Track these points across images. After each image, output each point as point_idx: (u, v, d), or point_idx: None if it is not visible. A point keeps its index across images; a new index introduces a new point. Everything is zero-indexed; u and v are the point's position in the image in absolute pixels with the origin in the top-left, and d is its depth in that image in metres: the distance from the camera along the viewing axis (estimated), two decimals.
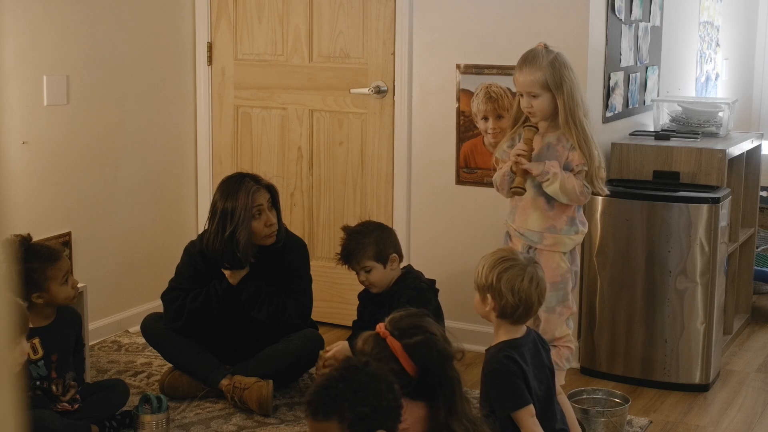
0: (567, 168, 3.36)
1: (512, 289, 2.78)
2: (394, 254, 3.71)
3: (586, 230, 3.51)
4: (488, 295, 2.82)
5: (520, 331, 2.85)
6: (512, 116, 3.51)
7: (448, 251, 4.25)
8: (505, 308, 2.80)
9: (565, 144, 3.36)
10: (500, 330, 2.86)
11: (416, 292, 3.65)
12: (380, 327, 2.51)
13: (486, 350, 2.89)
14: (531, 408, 2.75)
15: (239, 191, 3.57)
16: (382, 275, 3.68)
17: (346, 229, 3.77)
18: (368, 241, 3.68)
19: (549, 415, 2.85)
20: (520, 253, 2.98)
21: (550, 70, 3.30)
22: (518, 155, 3.33)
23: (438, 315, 3.71)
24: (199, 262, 3.70)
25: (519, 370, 2.76)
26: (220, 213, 3.58)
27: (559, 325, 3.45)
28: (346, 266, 3.76)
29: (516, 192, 3.34)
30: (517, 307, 2.79)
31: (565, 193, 3.33)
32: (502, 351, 2.80)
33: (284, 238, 3.72)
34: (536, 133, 3.37)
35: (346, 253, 3.71)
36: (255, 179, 3.64)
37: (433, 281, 3.77)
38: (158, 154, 4.55)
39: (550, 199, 3.40)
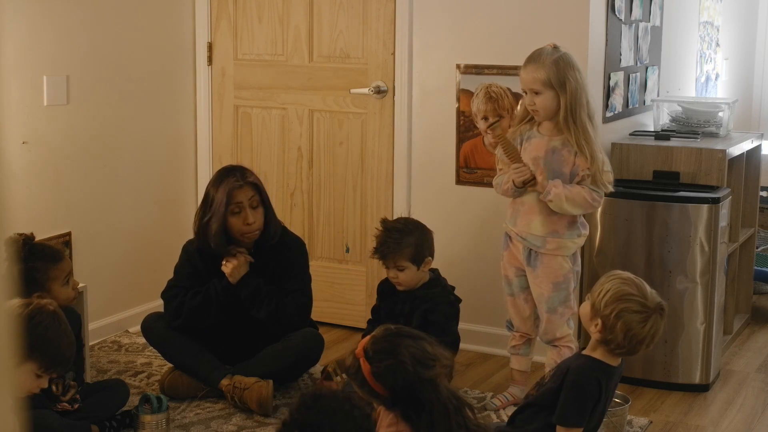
0: (574, 174, 3.38)
1: (627, 332, 2.72)
2: (429, 258, 3.68)
3: (587, 232, 3.52)
4: (599, 320, 2.76)
5: (616, 360, 2.83)
6: (519, 116, 3.54)
7: (448, 251, 4.25)
8: (610, 342, 2.75)
9: (570, 149, 3.37)
10: (598, 349, 2.82)
11: (450, 308, 3.66)
12: (360, 346, 2.52)
13: (580, 354, 2.88)
14: (579, 430, 2.76)
15: (222, 183, 3.64)
16: (414, 276, 3.65)
17: (385, 223, 3.69)
18: (408, 242, 3.61)
19: None
20: (650, 291, 2.80)
21: (554, 69, 3.32)
22: (517, 176, 3.38)
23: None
24: (197, 259, 3.71)
25: (597, 397, 2.76)
26: (204, 198, 3.69)
27: (561, 325, 3.46)
28: (380, 261, 3.71)
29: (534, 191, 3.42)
30: (622, 346, 2.75)
31: (575, 206, 3.37)
32: (597, 372, 2.77)
33: (278, 236, 3.71)
34: (500, 126, 3.43)
35: (384, 249, 3.63)
36: (242, 175, 3.65)
37: (454, 291, 3.77)
38: (158, 154, 4.55)
39: None
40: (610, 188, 3.46)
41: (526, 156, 3.44)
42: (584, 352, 2.86)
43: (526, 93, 3.39)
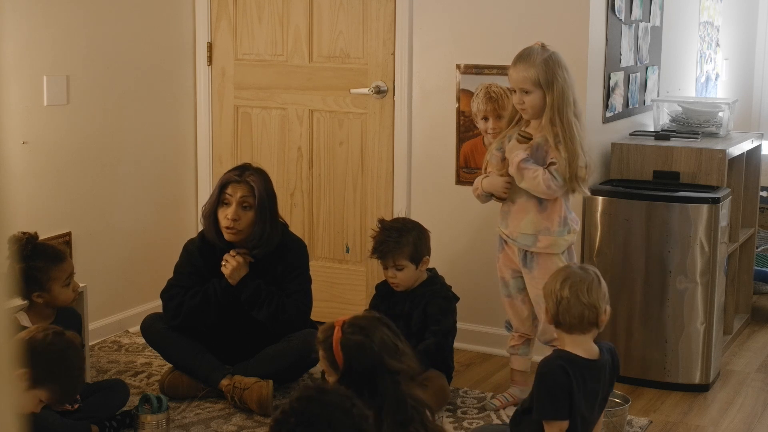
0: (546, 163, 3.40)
1: (578, 298, 2.76)
2: (427, 257, 3.70)
3: (578, 228, 3.51)
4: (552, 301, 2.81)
5: (591, 353, 2.82)
6: (508, 116, 3.54)
7: (448, 251, 4.25)
8: (563, 320, 2.79)
9: (550, 143, 3.38)
10: (566, 340, 2.83)
11: (446, 302, 3.66)
12: (341, 318, 2.58)
13: (554, 350, 2.92)
14: (563, 424, 2.73)
15: (224, 174, 3.72)
16: (412, 275, 3.67)
17: (383, 223, 3.72)
18: (407, 240, 3.64)
19: None
20: (587, 267, 2.93)
21: (543, 68, 3.34)
22: (501, 190, 3.45)
23: (454, 326, 3.71)
24: (198, 259, 3.71)
25: (567, 383, 2.73)
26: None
27: None
28: (379, 261, 3.72)
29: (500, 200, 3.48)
30: (582, 316, 2.77)
31: (528, 184, 3.36)
32: (559, 360, 2.78)
33: (273, 245, 3.67)
34: (530, 142, 3.39)
35: (384, 248, 3.65)
36: (242, 172, 3.67)
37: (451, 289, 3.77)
38: (158, 154, 4.55)
39: (541, 200, 3.42)
40: (585, 188, 3.45)
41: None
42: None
43: (515, 91, 3.41)
